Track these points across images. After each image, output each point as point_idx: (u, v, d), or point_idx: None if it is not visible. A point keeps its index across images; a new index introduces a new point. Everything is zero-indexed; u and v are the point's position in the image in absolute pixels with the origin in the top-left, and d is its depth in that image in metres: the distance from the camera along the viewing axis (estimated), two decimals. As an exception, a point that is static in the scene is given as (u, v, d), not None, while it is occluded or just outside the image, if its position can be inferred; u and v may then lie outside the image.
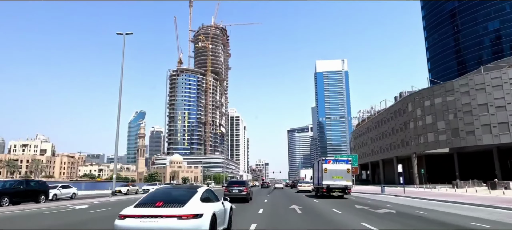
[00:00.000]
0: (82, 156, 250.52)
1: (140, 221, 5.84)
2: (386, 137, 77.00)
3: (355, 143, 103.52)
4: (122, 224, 5.88)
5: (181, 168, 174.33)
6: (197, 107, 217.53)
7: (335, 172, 25.26)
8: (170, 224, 5.76)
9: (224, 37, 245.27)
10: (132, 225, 5.82)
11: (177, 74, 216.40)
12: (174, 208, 6.04)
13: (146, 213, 5.94)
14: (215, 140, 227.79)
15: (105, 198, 28.90)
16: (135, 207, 6.20)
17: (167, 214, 5.88)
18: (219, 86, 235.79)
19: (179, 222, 5.78)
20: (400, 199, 25.91)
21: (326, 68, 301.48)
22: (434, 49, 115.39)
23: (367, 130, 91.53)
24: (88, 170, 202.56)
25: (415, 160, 64.11)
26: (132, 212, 6.03)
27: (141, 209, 6.07)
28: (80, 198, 28.88)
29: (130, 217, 5.93)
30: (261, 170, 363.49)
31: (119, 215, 6.06)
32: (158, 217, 5.84)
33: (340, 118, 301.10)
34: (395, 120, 71.75)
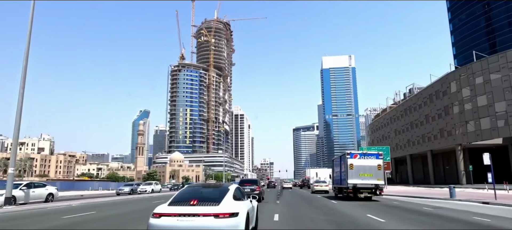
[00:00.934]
0: (83, 155, 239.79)
1: (177, 219, 5.60)
2: (417, 128, 62.72)
3: (373, 137, 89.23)
4: (158, 223, 5.62)
5: (181, 167, 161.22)
6: (199, 104, 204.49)
7: (363, 169, 20.24)
8: (207, 223, 5.54)
9: (227, 32, 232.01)
10: (168, 223, 5.58)
11: (179, 69, 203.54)
12: (210, 207, 5.77)
13: (183, 212, 5.67)
14: (218, 138, 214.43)
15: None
16: (169, 206, 5.95)
17: (204, 212, 5.62)
18: (222, 82, 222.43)
19: (216, 221, 5.55)
20: (498, 209, 14.89)
21: (332, 65, 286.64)
22: (460, 32, 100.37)
23: (389, 121, 77.17)
24: (87, 169, 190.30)
25: (461, 154, 49.77)
26: (168, 210, 5.76)
27: (176, 208, 5.82)
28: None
29: (166, 216, 5.66)
30: (266, 169, 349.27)
31: (153, 214, 5.75)
32: (195, 216, 5.60)
33: (347, 115, 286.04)
34: (430, 105, 57.44)
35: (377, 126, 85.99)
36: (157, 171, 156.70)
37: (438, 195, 26.43)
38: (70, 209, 15.60)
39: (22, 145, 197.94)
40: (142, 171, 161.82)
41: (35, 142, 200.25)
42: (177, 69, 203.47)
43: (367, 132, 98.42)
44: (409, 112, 65.94)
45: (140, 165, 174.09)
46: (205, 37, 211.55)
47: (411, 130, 65.09)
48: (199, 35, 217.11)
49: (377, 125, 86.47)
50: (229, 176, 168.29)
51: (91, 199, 26.60)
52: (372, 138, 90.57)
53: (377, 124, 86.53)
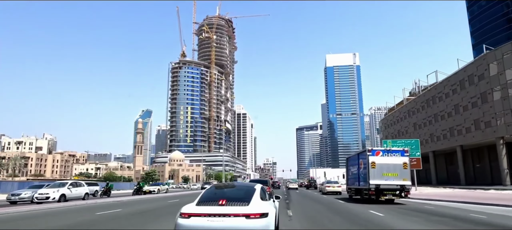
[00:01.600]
0: (83, 155, 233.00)
1: (208, 220, 5.44)
2: (443, 120, 53.89)
3: (387, 133, 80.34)
4: (187, 223, 5.48)
5: (181, 166, 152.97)
6: (200, 102, 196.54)
7: (387, 168, 17.25)
8: (238, 223, 5.39)
9: (229, 29, 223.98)
10: (199, 224, 5.43)
11: (179, 66, 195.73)
12: (240, 207, 5.64)
13: (213, 212, 5.51)
14: (220, 137, 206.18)
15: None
16: (197, 205, 5.79)
17: (235, 212, 5.49)
18: (224, 80, 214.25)
19: (248, 221, 5.40)
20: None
21: (336, 63, 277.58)
22: (479, 20, 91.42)
23: (407, 114, 68.29)
24: (85, 169, 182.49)
25: (504, 149, 40.95)
26: (197, 210, 5.61)
27: (206, 208, 5.66)
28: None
29: (196, 216, 5.52)
30: (269, 169, 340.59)
31: (181, 214, 5.60)
32: (225, 216, 5.45)
33: (351, 114, 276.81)
34: (461, 93, 48.59)
35: (392, 120, 77.09)
36: (156, 171, 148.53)
37: (486, 199, 19.15)
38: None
39: (20, 144, 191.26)
40: (140, 170, 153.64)
41: (33, 141, 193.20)
42: (177, 66, 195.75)
43: (380, 128, 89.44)
44: (433, 102, 57.10)
45: (139, 164, 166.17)
46: (207, 33, 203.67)
47: (435, 123, 56.26)
48: (200, 32, 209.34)
49: (391, 120, 77.55)
50: (231, 176, 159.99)
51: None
52: (385, 133, 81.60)
53: (391, 118, 77.59)
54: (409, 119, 67.04)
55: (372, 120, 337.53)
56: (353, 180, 21.74)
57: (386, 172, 17.42)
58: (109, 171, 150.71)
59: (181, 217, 5.54)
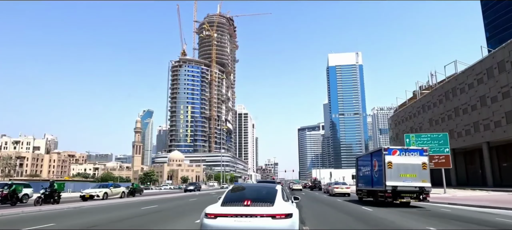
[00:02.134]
0: (83, 155, 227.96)
1: (235, 220, 5.46)
2: (466, 114, 47.87)
3: (397, 131, 74.35)
4: (214, 223, 5.49)
5: (180, 166, 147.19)
6: (201, 101, 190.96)
7: (405, 168, 15.94)
8: (265, 223, 5.39)
9: (230, 27, 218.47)
10: (226, 224, 5.44)
11: (180, 65, 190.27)
12: (265, 207, 5.65)
13: (239, 212, 5.54)
14: (221, 136, 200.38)
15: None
16: (222, 206, 5.81)
17: (261, 213, 5.49)
18: (225, 79, 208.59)
19: (274, 222, 5.40)
20: None
21: (339, 62, 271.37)
22: (494, 11, 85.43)
23: (421, 109, 62.23)
24: (83, 169, 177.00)
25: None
26: (223, 211, 5.63)
27: (231, 208, 5.70)
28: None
29: (222, 216, 5.53)
30: (270, 170, 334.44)
31: (207, 214, 5.61)
32: (252, 217, 5.46)
33: (354, 114, 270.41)
34: (489, 83, 42.58)
35: (403, 117, 70.99)
36: (154, 171, 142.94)
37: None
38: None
39: (17, 143, 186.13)
40: (138, 170, 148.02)
41: (30, 141, 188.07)
42: (177, 65, 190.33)
43: (390, 125, 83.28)
44: (453, 95, 51.06)
45: (138, 164, 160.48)
46: (207, 31, 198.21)
47: (456, 117, 50.24)
48: (201, 30, 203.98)
49: (403, 116, 71.44)
50: (231, 176, 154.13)
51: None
52: (396, 131, 75.56)
53: (402, 115, 71.47)
54: (424, 115, 60.99)
55: (375, 121, 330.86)
56: (365, 181, 20.23)
57: (403, 173, 15.98)
58: (106, 172, 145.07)
59: (207, 218, 5.55)
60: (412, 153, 16.46)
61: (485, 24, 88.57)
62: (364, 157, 22.05)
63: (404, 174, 15.92)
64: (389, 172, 15.89)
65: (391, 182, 15.75)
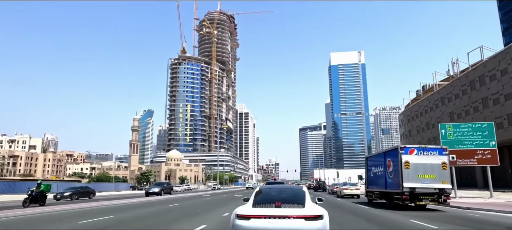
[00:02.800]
0: (81, 154, 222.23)
1: (268, 221, 5.40)
2: (497, 104, 41.29)
3: (410, 127, 67.77)
4: (247, 224, 5.47)
5: (178, 166, 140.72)
6: (200, 99, 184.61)
7: (424, 168, 14.67)
8: (298, 224, 5.39)
9: (231, 25, 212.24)
10: (259, 225, 5.42)
11: (179, 62, 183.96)
12: (297, 209, 5.67)
13: (272, 214, 5.49)
14: (221, 136, 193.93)
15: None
16: (254, 207, 5.82)
17: (294, 214, 5.47)
18: (225, 77, 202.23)
19: (307, 223, 5.40)
20: None
21: (341, 61, 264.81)
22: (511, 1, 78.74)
23: (439, 101, 55.59)
24: (80, 169, 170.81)
25: None
26: (255, 212, 5.61)
27: (263, 209, 5.66)
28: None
29: (256, 217, 5.50)
30: (272, 170, 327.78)
31: (238, 215, 5.62)
32: (285, 218, 5.42)
33: (356, 114, 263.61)
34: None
35: (417, 112, 64.34)
36: (152, 171, 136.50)
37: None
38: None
39: (13, 142, 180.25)
40: (135, 170, 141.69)
41: (26, 140, 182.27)
42: (177, 62, 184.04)
43: (400, 122, 76.58)
44: (480, 84, 44.50)
45: (135, 164, 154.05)
46: (207, 28, 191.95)
47: (484, 109, 43.70)
48: (201, 28, 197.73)
49: (417, 111, 64.77)
50: (231, 176, 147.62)
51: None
52: (408, 128, 68.88)
53: (416, 109, 64.79)
54: (443, 108, 54.36)
55: (377, 121, 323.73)
56: (377, 183, 19.07)
57: (422, 174, 14.65)
58: (102, 171, 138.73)
59: (240, 219, 5.56)
60: (431, 152, 15.22)
61: (501, 16, 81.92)
62: (376, 157, 20.68)
63: (422, 175, 14.71)
64: (406, 172, 14.70)
65: (409, 184, 14.54)
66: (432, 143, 56.87)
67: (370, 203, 19.63)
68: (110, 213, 14.43)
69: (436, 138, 57.02)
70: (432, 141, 57.60)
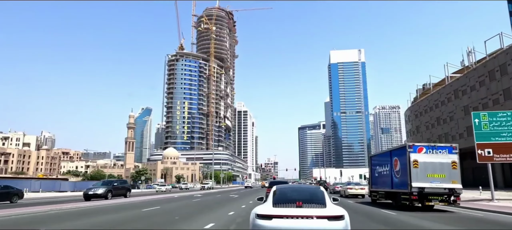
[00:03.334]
0: (77, 152, 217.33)
1: (291, 221, 5.30)
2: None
3: (417, 123, 63.31)
4: (269, 224, 5.32)
5: (175, 164, 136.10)
6: (198, 97, 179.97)
7: (433, 167, 14.07)
8: (322, 225, 5.31)
9: (230, 21, 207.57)
10: (282, 225, 5.29)
11: (176, 59, 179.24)
12: (319, 209, 5.59)
13: (295, 214, 5.40)
14: (219, 134, 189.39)
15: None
16: (274, 207, 5.65)
17: (317, 214, 5.39)
18: (224, 74, 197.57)
19: (330, 223, 5.33)
20: None
21: (341, 59, 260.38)
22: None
23: (452, 95, 51.12)
24: (74, 167, 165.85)
25: None
26: (277, 212, 5.48)
27: (285, 209, 5.53)
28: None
29: (278, 217, 5.36)
30: (270, 169, 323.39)
31: (259, 215, 5.51)
32: (308, 218, 5.34)
33: (356, 113, 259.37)
34: None
35: (427, 106, 59.81)
36: (147, 169, 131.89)
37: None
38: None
39: (6, 139, 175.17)
40: (131, 168, 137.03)
41: (20, 137, 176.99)
42: (174, 59, 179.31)
43: (407, 118, 71.98)
44: (501, 73, 40.02)
45: (130, 162, 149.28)
46: (206, 24, 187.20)
47: (507, 101, 39.22)
48: (199, 24, 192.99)
49: (426, 106, 60.23)
50: (229, 175, 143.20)
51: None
52: (416, 124, 64.36)
53: (426, 104, 60.24)
54: (456, 102, 49.89)
55: (377, 120, 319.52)
56: (382, 182, 17.93)
57: (431, 173, 14.03)
58: (96, 169, 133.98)
59: (261, 218, 5.45)
60: (440, 150, 14.53)
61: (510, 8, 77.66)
62: (381, 156, 20.03)
63: (431, 174, 14.05)
64: (415, 172, 14.02)
65: (418, 183, 13.85)
66: (443, 139, 52.45)
67: (374, 203, 18.72)
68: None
69: (447, 134, 52.56)
70: (443, 138, 53.22)
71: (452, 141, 48.84)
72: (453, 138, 50.08)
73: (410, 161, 14.01)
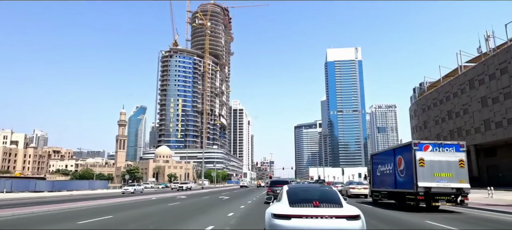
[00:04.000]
0: (69, 151, 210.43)
1: (311, 221, 5.26)
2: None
3: (425, 118, 58.39)
4: (288, 224, 5.26)
5: (168, 163, 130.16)
6: (193, 94, 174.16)
7: (440, 166, 13.35)
8: (340, 224, 5.27)
9: (225, 17, 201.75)
10: (302, 225, 5.26)
11: (170, 55, 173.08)
12: (336, 209, 5.55)
13: (313, 213, 5.36)
14: (214, 132, 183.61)
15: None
16: (291, 207, 5.58)
17: (335, 214, 5.35)
18: (219, 71, 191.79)
19: (349, 223, 5.30)
20: None
21: (338, 57, 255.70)
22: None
23: (467, 85, 46.20)
24: (64, 165, 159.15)
25: None
26: (296, 211, 5.41)
27: (302, 209, 5.47)
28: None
29: (297, 217, 5.32)
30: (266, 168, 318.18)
31: (276, 215, 5.43)
32: (327, 218, 5.28)
33: (353, 111, 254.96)
34: None
35: (436, 99, 54.83)
36: (139, 168, 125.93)
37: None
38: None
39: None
40: (121, 167, 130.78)
41: (7, 135, 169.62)
42: (168, 55, 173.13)
43: (413, 113, 66.94)
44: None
45: (121, 160, 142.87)
46: (201, 20, 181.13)
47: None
48: (194, 19, 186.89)
49: (435, 98, 55.22)
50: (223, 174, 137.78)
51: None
52: (423, 119, 59.40)
53: (435, 96, 55.23)
54: (472, 93, 44.98)
55: (373, 119, 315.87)
56: (385, 182, 17.18)
57: (438, 172, 13.27)
58: (85, 168, 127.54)
59: (279, 218, 5.39)
60: (447, 148, 13.66)
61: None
62: (383, 154, 19.10)
63: (438, 174, 13.26)
64: (421, 170, 13.25)
65: (424, 183, 13.12)
66: (455, 135, 47.56)
67: (375, 204, 18.05)
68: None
69: (461, 129, 47.59)
70: (456, 133, 48.32)
71: (467, 136, 43.93)
72: (468, 133, 45.16)
73: (416, 160, 13.34)
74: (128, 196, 31.67)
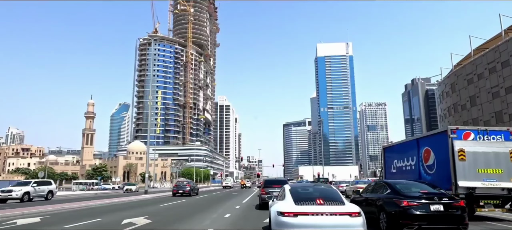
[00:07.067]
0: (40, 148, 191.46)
1: (317, 218, 5.47)
2: None
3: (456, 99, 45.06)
4: (295, 221, 5.49)
5: (141, 160, 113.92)
6: (174, 86, 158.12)
7: (486, 159, 9.63)
8: (344, 221, 5.51)
9: (210, 5, 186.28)
10: (308, 221, 5.48)
11: (148, 42, 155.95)
12: (339, 206, 5.77)
13: (318, 211, 5.59)
14: (197, 127, 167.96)
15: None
16: (297, 205, 5.77)
17: (339, 211, 5.60)
18: (203, 62, 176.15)
19: (352, 220, 5.55)
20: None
21: (328, 52, 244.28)
22: None
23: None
24: (26, 164, 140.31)
25: None
26: (301, 209, 5.62)
27: (307, 207, 5.68)
28: None
29: (303, 214, 5.54)
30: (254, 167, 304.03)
31: (282, 213, 5.63)
32: (332, 215, 5.54)
33: (344, 108, 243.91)
34: None
35: (471, 74, 41.39)
36: (107, 166, 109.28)
37: None
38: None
39: None
40: (86, 165, 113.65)
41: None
42: (146, 43, 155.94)
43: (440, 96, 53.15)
44: None
45: (88, 157, 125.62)
46: (183, 6, 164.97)
47: None
48: (176, 6, 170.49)
49: (468, 74, 41.70)
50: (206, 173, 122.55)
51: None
52: (455, 100, 45.64)
53: (469, 72, 41.64)
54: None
55: (363, 117, 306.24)
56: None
57: (483, 168, 9.53)
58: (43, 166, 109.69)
59: (285, 216, 5.56)
60: (494, 136, 10.33)
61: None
62: (402, 146, 14.71)
63: (484, 170, 9.49)
64: (461, 165, 9.51)
65: (466, 182, 9.39)
66: (500, 121, 34.35)
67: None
68: None
69: (506, 113, 34.36)
70: (500, 119, 35.10)
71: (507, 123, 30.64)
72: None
73: (454, 151, 9.70)
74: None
